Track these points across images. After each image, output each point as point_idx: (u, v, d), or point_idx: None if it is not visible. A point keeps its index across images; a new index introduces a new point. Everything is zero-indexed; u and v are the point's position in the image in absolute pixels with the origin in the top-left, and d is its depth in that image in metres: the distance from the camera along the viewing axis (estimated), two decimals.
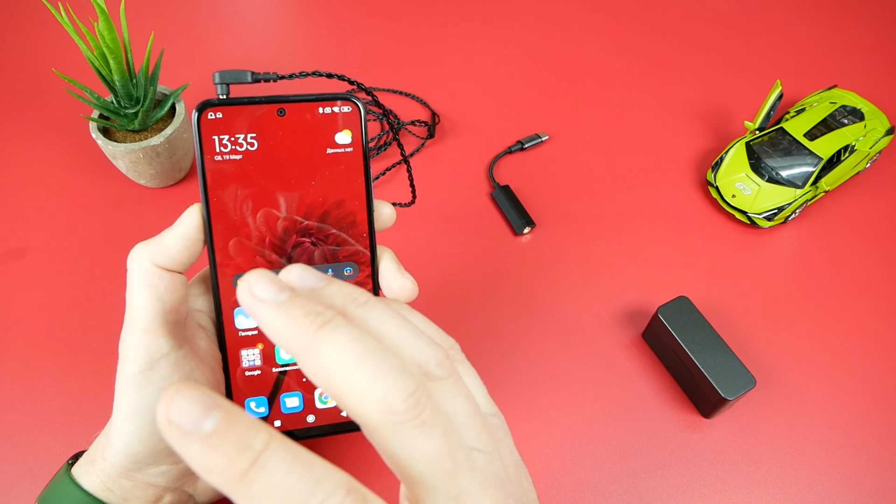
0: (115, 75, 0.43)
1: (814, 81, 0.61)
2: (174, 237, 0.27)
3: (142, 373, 0.26)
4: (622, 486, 0.37)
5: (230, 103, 0.28)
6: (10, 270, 0.45)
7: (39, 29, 0.63)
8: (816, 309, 0.45)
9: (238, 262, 0.29)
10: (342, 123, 0.29)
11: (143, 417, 0.26)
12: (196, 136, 0.28)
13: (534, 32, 0.66)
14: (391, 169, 0.52)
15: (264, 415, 0.30)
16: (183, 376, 0.27)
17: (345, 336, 0.17)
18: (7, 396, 0.39)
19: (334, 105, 0.29)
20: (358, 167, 0.30)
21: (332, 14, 0.67)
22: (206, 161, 0.28)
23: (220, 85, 0.29)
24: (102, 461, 0.28)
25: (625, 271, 0.47)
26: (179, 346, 0.27)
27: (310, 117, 0.29)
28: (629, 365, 0.42)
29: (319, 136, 0.29)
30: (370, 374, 0.17)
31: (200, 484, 0.30)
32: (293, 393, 0.30)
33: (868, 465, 0.38)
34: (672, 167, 0.54)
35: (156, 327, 0.26)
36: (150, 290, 0.26)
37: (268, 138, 0.28)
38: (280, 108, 0.28)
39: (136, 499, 0.27)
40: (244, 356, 0.30)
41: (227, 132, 0.28)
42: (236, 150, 0.28)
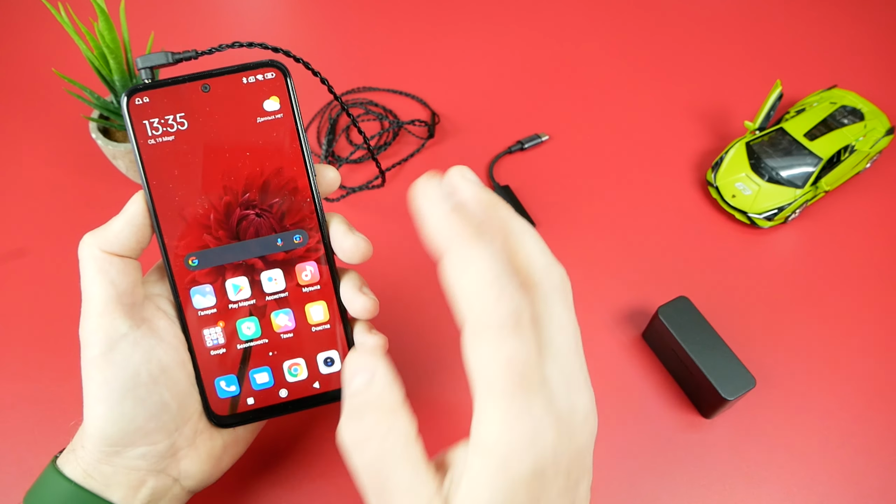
0: (115, 75, 0.43)
1: (814, 81, 0.61)
2: (120, 223, 0.28)
3: (102, 355, 0.27)
4: (622, 486, 0.37)
5: (155, 86, 0.28)
6: (10, 270, 0.45)
7: (39, 29, 0.63)
8: (816, 309, 0.45)
9: (186, 241, 0.29)
10: (268, 91, 0.29)
11: (112, 398, 0.27)
12: (128, 123, 0.28)
13: (534, 32, 0.66)
14: (391, 169, 0.52)
15: (235, 393, 0.30)
16: (144, 355, 0.27)
17: (486, 251, 0.20)
18: (7, 396, 0.39)
19: (257, 73, 0.29)
20: (292, 132, 0.29)
21: (332, 14, 0.67)
22: (141, 146, 0.28)
23: (143, 70, 0.29)
24: (82, 449, 0.28)
25: (625, 271, 0.47)
26: (137, 325, 0.28)
27: (235, 89, 0.29)
28: (629, 365, 0.42)
29: (247, 106, 0.29)
30: (494, 288, 0.20)
31: (184, 467, 0.29)
32: (262, 368, 0.30)
33: (868, 465, 0.38)
34: (672, 167, 0.54)
35: (111, 310, 0.27)
36: (101, 275, 0.27)
37: (197, 116, 0.29)
38: (204, 84, 0.29)
39: (118, 485, 0.27)
40: (207, 335, 0.30)
41: (156, 115, 0.28)
42: (168, 131, 0.29)
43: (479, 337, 0.20)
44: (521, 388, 0.20)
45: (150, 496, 0.28)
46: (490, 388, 0.20)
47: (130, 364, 0.27)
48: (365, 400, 0.22)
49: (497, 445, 0.20)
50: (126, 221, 0.28)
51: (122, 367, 0.27)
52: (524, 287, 0.21)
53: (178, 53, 0.29)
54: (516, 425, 0.20)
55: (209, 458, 0.30)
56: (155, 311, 0.29)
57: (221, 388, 0.30)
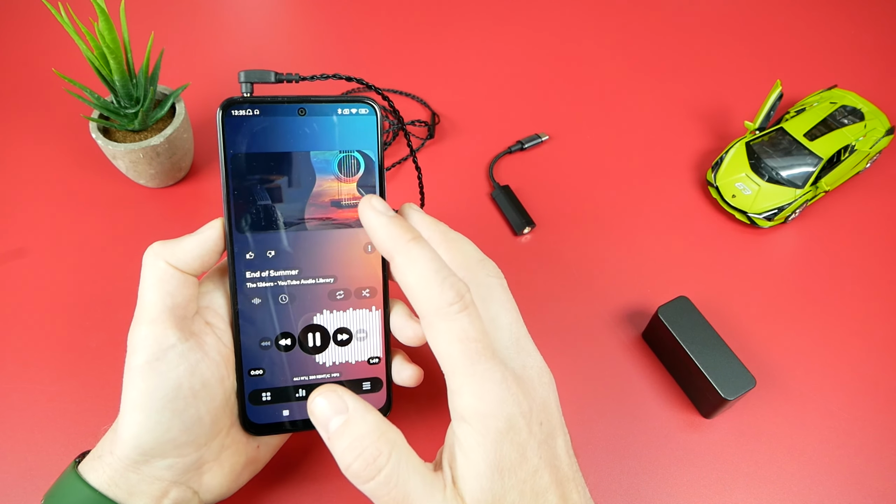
0: (115, 75, 0.43)
1: (814, 81, 0.61)
2: (193, 243, 0.28)
3: (149, 363, 0.27)
4: (622, 486, 0.37)
5: (254, 101, 0.29)
6: (10, 270, 0.45)
7: (39, 29, 0.63)
8: (816, 309, 0.45)
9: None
10: (359, 125, 0.30)
11: (151, 407, 0.27)
12: (220, 134, 0.29)
13: (534, 32, 0.66)
14: (391, 168, 0.52)
15: (273, 404, 0.31)
16: (188, 368, 0.28)
17: (426, 250, 0.25)
18: (7, 396, 0.39)
19: (352, 108, 0.30)
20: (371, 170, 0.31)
21: (332, 14, 0.67)
22: (229, 158, 0.29)
23: (244, 84, 0.29)
24: (110, 455, 0.28)
25: (625, 271, 0.47)
26: (186, 338, 0.28)
27: (329, 118, 0.30)
28: (629, 365, 0.42)
29: (338, 137, 0.30)
30: (438, 280, 0.24)
31: (205, 481, 0.29)
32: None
33: (868, 465, 0.38)
34: (672, 167, 0.54)
35: (163, 319, 0.27)
36: (160, 286, 0.27)
37: (289, 137, 0.29)
38: (301, 108, 0.29)
39: (141, 493, 0.27)
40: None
41: (249, 129, 0.29)
42: (258, 148, 0.29)
43: (434, 321, 0.24)
44: (479, 356, 0.24)
45: None
46: (453, 362, 0.24)
47: (174, 376, 0.27)
48: (355, 434, 0.24)
49: (474, 413, 0.24)
50: (199, 243, 0.28)
51: (165, 378, 0.27)
52: (464, 280, 0.25)
53: (282, 74, 0.30)
54: (484, 390, 0.24)
55: (231, 473, 0.30)
56: (203, 325, 0.29)
57: (260, 398, 0.30)
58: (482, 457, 0.23)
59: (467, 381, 0.24)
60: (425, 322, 0.24)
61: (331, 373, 0.31)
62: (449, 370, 0.24)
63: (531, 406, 0.25)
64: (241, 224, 0.29)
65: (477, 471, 0.23)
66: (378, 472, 0.23)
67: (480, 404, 0.24)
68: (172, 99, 0.47)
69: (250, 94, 0.30)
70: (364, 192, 0.30)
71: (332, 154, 0.30)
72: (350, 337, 0.31)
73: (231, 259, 0.29)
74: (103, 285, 0.44)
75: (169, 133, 0.45)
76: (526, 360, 0.26)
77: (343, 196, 0.30)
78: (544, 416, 0.25)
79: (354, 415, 0.25)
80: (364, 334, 0.31)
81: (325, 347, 0.31)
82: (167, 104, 0.47)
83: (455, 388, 0.24)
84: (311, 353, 0.31)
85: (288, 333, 0.30)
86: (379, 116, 0.30)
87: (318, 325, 0.31)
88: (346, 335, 0.31)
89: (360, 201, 0.26)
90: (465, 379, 0.24)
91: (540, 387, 0.26)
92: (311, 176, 0.30)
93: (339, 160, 0.30)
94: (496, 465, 0.23)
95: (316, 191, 0.30)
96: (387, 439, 0.24)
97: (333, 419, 0.25)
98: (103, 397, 0.39)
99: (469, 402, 0.24)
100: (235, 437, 0.31)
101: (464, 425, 0.24)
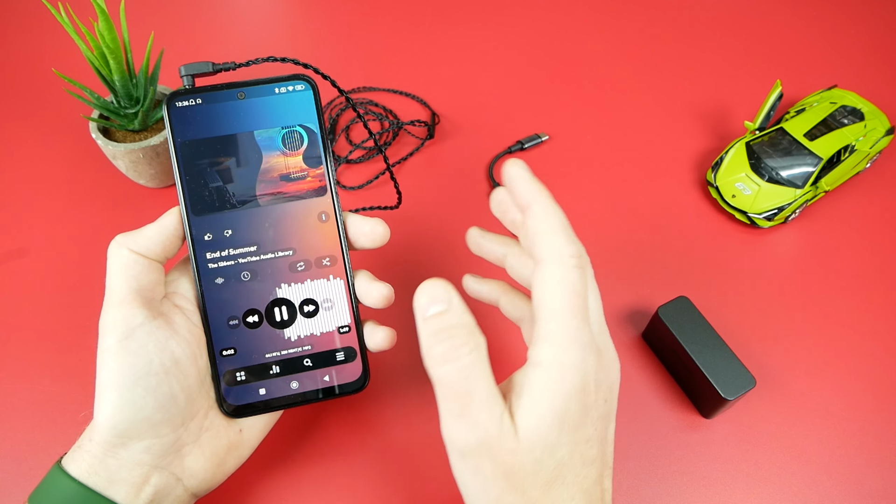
0: (115, 75, 0.43)
1: (814, 81, 0.61)
2: (153, 230, 0.30)
3: (119, 342, 0.28)
4: (622, 486, 0.37)
5: (196, 91, 0.31)
6: (10, 270, 0.45)
7: (39, 29, 0.63)
8: (816, 309, 0.45)
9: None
10: (297, 101, 0.32)
11: (123, 385, 0.27)
12: (168, 126, 0.30)
13: (534, 32, 0.66)
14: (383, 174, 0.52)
15: (248, 384, 0.32)
16: (157, 344, 0.28)
17: (559, 208, 0.26)
18: (7, 396, 0.39)
19: (289, 85, 0.32)
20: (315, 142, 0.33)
21: (332, 14, 0.67)
22: (178, 146, 0.30)
23: (185, 77, 0.31)
24: (89, 442, 0.28)
25: (625, 271, 0.47)
26: (153, 317, 0.29)
27: (268, 98, 0.32)
28: (629, 365, 0.42)
29: (278, 115, 0.32)
30: (566, 234, 0.26)
31: (188, 465, 0.29)
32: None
33: (868, 465, 0.38)
34: (672, 167, 0.54)
35: (130, 300, 0.28)
36: (125, 271, 0.29)
37: (232, 121, 0.31)
38: (240, 92, 0.31)
39: (122, 481, 0.27)
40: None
41: (194, 118, 0.31)
42: (204, 133, 0.31)
43: (551, 267, 0.25)
44: (579, 311, 0.25)
45: (154, 495, 0.28)
46: (554, 308, 0.25)
47: (144, 352, 0.28)
48: (448, 323, 0.24)
49: (554, 363, 0.24)
50: (158, 230, 0.30)
51: (135, 355, 0.28)
52: None
53: (219, 64, 0.32)
54: (570, 348, 0.24)
55: (213, 457, 0.30)
56: (171, 307, 0.30)
57: (235, 379, 0.31)
58: (549, 403, 0.24)
59: (559, 330, 0.24)
60: (542, 267, 0.25)
61: (302, 346, 0.32)
62: (547, 316, 0.25)
63: (603, 379, 0.26)
64: (196, 207, 0.31)
65: (540, 413, 0.24)
66: (458, 359, 0.24)
67: (563, 355, 0.24)
68: None
69: (192, 86, 0.31)
70: (310, 165, 0.32)
71: (274, 131, 0.32)
72: (317, 308, 0.32)
73: (191, 242, 0.31)
74: (103, 285, 0.44)
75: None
76: (607, 342, 0.27)
77: (291, 170, 0.32)
78: (610, 396, 0.26)
79: (455, 309, 0.25)
80: (330, 304, 0.32)
81: (293, 321, 0.32)
82: None
83: (544, 334, 0.25)
84: (280, 328, 0.31)
85: (254, 310, 0.31)
86: (315, 91, 0.32)
87: (283, 299, 0.32)
88: (312, 306, 0.32)
89: (505, 163, 0.27)
90: (558, 326, 0.24)
91: (613, 369, 0.27)
92: (257, 154, 0.31)
93: (283, 136, 0.32)
94: (560, 415, 0.24)
95: (264, 167, 0.31)
96: (475, 338, 0.24)
97: (433, 306, 0.25)
98: None
99: (552, 351, 0.24)
100: (215, 421, 0.31)
101: (539, 370, 0.24)
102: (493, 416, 0.24)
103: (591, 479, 0.25)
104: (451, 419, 0.24)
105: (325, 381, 0.32)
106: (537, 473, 0.24)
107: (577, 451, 0.25)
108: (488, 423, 0.23)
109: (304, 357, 0.32)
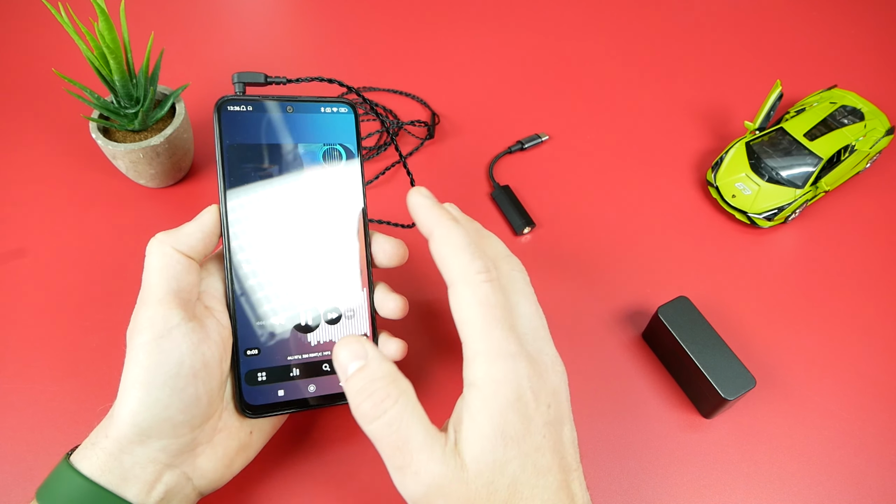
0: (115, 75, 0.43)
1: (814, 81, 0.61)
2: (193, 228, 0.31)
3: (154, 341, 0.28)
4: (622, 486, 0.37)
5: (247, 99, 0.32)
6: (10, 270, 0.45)
7: (39, 29, 0.63)
8: (816, 309, 0.45)
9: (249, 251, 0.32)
10: (339, 122, 0.34)
11: (152, 384, 0.27)
12: (217, 128, 0.31)
13: (534, 32, 0.66)
14: (385, 172, 0.52)
15: (268, 385, 0.32)
16: (191, 346, 0.28)
17: (462, 230, 0.27)
18: (7, 396, 0.39)
19: (333, 107, 0.34)
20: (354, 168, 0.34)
21: (333, 14, 0.67)
22: (225, 149, 0.31)
23: (237, 84, 0.32)
24: (105, 439, 0.28)
25: (625, 271, 0.47)
26: (189, 319, 0.29)
27: (313, 115, 0.33)
28: (629, 365, 0.42)
29: (321, 131, 0.33)
30: (469, 253, 0.26)
31: (200, 463, 0.30)
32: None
33: (868, 465, 0.38)
34: (672, 167, 0.54)
35: (169, 300, 0.28)
36: (166, 270, 0.29)
37: (277, 133, 0.32)
38: (289, 105, 0.33)
39: (135, 478, 0.27)
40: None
41: (243, 125, 0.32)
42: (250, 141, 0.32)
43: (460, 287, 0.26)
44: (498, 322, 0.25)
45: (165, 493, 0.28)
46: (472, 326, 0.25)
47: (177, 353, 0.28)
48: (369, 378, 0.25)
49: (485, 377, 0.24)
50: (199, 227, 0.31)
51: (168, 355, 0.28)
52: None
53: (272, 77, 0.33)
54: (498, 357, 0.25)
55: (224, 457, 0.30)
56: (203, 309, 0.31)
57: (256, 379, 0.31)
58: (487, 420, 0.24)
59: (483, 348, 0.25)
60: (452, 290, 0.26)
61: (322, 351, 0.32)
62: (468, 335, 0.25)
63: (542, 387, 0.26)
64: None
65: (481, 433, 0.24)
66: (384, 412, 0.24)
67: (492, 370, 0.24)
68: (172, 99, 0.47)
69: (242, 93, 0.32)
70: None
71: (317, 146, 0.33)
72: (339, 316, 0.33)
73: (227, 241, 0.31)
74: (103, 285, 0.44)
75: (169, 133, 0.45)
76: (543, 347, 0.27)
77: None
78: (553, 401, 0.26)
79: (372, 362, 0.26)
80: (352, 313, 0.33)
81: (317, 326, 0.32)
82: (167, 104, 0.47)
83: (471, 354, 0.25)
84: (304, 332, 0.32)
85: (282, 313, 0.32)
86: (357, 115, 0.34)
87: (310, 305, 0.32)
88: (335, 314, 0.33)
89: (408, 193, 0.29)
90: (480, 345, 0.25)
91: (552, 373, 0.27)
92: (299, 165, 0.32)
93: (324, 152, 0.33)
94: (501, 430, 0.24)
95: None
96: (397, 386, 0.25)
97: (353, 363, 0.26)
98: (103, 397, 0.39)
99: (482, 368, 0.25)
100: (228, 422, 0.31)
101: (473, 390, 0.25)
102: (434, 457, 0.24)
103: (552, 488, 0.25)
104: (396, 473, 0.25)
105: (340, 386, 0.32)
106: (493, 496, 0.24)
107: (529, 463, 0.24)
108: (431, 466, 0.24)
109: (324, 362, 0.32)
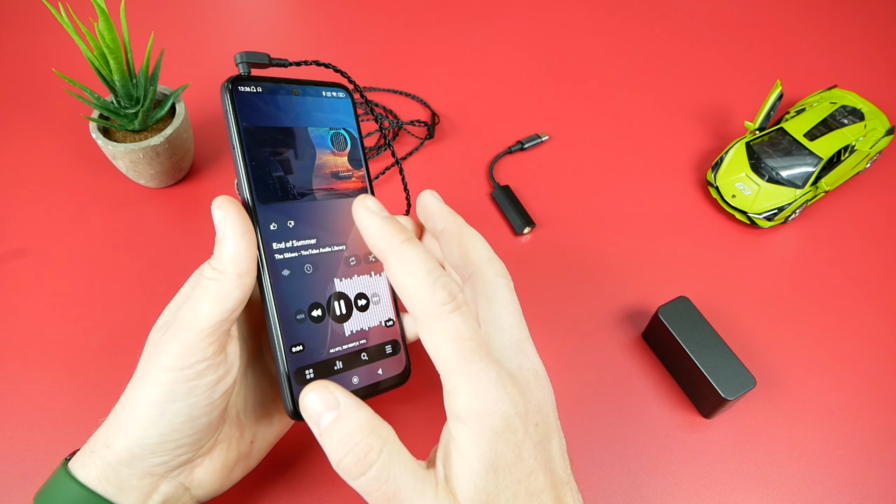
0: (115, 75, 0.43)
1: (814, 81, 0.61)
2: (240, 247, 0.28)
3: (181, 370, 0.27)
4: (622, 486, 0.37)
5: (257, 80, 0.31)
6: (10, 270, 0.45)
7: (39, 29, 0.63)
8: (816, 309, 0.45)
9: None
10: (338, 107, 0.34)
11: (166, 407, 0.27)
12: (231, 110, 0.30)
13: (534, 32, 0.66)
14: (389, 169, 0.52)
15: None
16: (214, 380, 0.27)
17: (419, 251, 0.25)
18: (7, 396, 0.39)
19: (332, 91, 0.34)
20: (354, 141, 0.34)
21: (333, 14, 0.67)
22: (242, 129, 0.30)
23: (242, 63, 0.31)
24: (105, 448, 0.28)
25: (625, 271, 0.47)
26: (220, 351, 0.28)
27: (317, 99, 0.33)
28: (629, 365, 0.42)
29: (323, 114, 0.33)
30: (429, 283, 0.24)
31: (198, 475, 0.29)
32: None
33: (868, 465, 0.38)
34: (672, 167, 0.54)
35: (210, 334, 0.27)
36: (221, 301, 0.27)
37: (285, 114, 0.32)
38: (295, 88, 0.32)
39: (131, 489, 0.27)
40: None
41: (254, 104, 0.31)
42: (263, 120, 0.32)
43: (427, 322, 0.24)
44: (473, 354, 0.24)
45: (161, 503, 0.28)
46: (448, 362, 0.24)
47: (202, 385, 0.27)
48: (346, 428, 0.24)
49: (470, 411, 0.23)
50: (246, 246, 0.28)
51: (191, 385, 0.27)
52: (473, 276, 0.27)
53: (275, 59, 0.33)
54: (480, 389, 0.23)
55: (223, 469, 0.30)
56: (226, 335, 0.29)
57: (304, 377, 0.30)
58: (477, 455, 0.23)
59: (462, 381, 0.24)
60: (419, 324, 0.24)
61: (359, 339, 0.32)
62: (444, 370, 0.24)
63: (527, 407, 0.25)
64: (262, 195, 0.30)
65: (472, 469, 0.23)
66: (369, 467, 0.23)
67: (476, 403, 0.23)
68: (172, 99, 0.47)
69: (247, 73, 0.31)
70: (353, 166, 0.33)
71: (324, 130, 0.33)
72: (367, 302, 0.32)
73: (259, 232, 0.30)
74: (103, 285, 0.44)
75: (169, 133, 0.45)
76: (523, 362, 0.26)
77: (339, 168, 0.33)
78: (540, 418, 0.25)
79: (346, 410, 0.24)
80: (378, 298, 0.33)
81: (350, 315, 0.32)
82: (167, 104, 0.47)
83: (451, 388, 0.24)
84: (340, 322, 0.31)
85: (318, 304, 0.31)
86: (353, 99, 0.34)
87: (341, 293, 0.32)
88: (364, 300, 0.32)
89: (354, 201, 0.27)
90: (460, 378, 0.24)
91: (536, 389, 0.26)
92: (311, 149, 0.32)
93: (331, 136, 0.33)
94: (491, 463, 0.23)
95: (318, 163, 0.32)
96: (378, 434, 0.24)
97: (325, 415, 0.24)
98: (103, 397, 0.39)
99: (464, 401, 0.24)
100: (228, 433, 0.31)
101: (459, 424, 0.24)
102: (426, 502, 0.23)
103: None
104: None
105: (378, 374, 0.31)
106: None
107: (521, 489, 0.24)
108: None
109: (361, 351, 0.31)
